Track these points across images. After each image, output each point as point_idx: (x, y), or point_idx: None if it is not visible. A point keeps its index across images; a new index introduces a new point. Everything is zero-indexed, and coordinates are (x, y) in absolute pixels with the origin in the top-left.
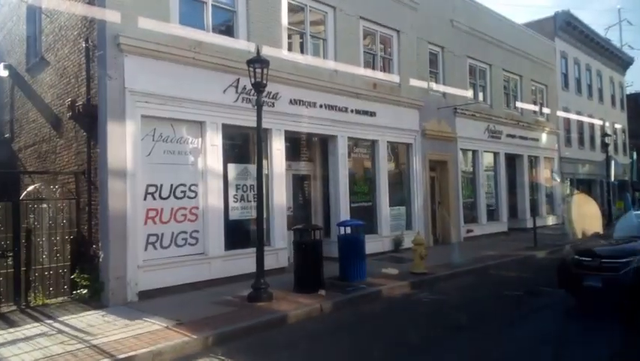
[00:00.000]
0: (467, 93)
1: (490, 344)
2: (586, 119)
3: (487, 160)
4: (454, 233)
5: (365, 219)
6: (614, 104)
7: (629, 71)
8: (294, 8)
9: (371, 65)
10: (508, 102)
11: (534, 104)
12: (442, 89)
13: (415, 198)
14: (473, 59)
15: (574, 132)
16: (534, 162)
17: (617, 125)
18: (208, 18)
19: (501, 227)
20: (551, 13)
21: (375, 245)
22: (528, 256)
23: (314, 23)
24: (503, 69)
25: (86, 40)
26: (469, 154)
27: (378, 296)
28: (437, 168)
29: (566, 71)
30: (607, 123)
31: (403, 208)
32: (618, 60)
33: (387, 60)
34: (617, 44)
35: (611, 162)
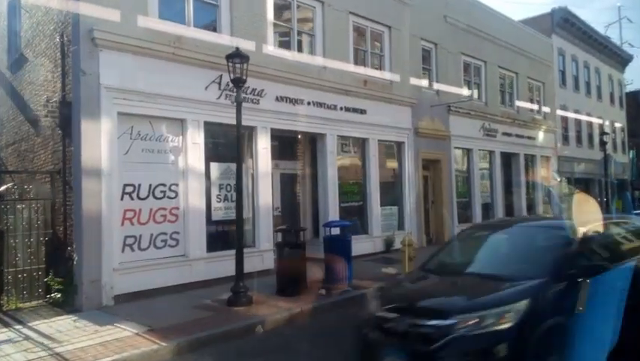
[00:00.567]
0: (461, 91)
1: None
2: (584, 118)
3: (483, 159)
4: (448, 233)
5: (355, 219)
6: (612, 102)
7: (629, 69)
8: (280, 3)
9: (361, 62)
10: (503, 100)
11: (531, 101)
12: (435, 86)
13: (408, 198)
14: (468, 55)
15: (572, 131)
16: (531, 160)
17: (616, 124)
18: (189, 12)
19: None
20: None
21: (366, 246)
22: None
23: (302, 19)
24: (499, 66)
25: (61, 35)
26: (463, 153)
27: (364, 299)
28: (430, 167)
29: (564, 68)
30: (606, 122)
31: (394, 208)
32: (617, 57)
33: (379, 57)
34: (617, 42)
35: (610, 161)
